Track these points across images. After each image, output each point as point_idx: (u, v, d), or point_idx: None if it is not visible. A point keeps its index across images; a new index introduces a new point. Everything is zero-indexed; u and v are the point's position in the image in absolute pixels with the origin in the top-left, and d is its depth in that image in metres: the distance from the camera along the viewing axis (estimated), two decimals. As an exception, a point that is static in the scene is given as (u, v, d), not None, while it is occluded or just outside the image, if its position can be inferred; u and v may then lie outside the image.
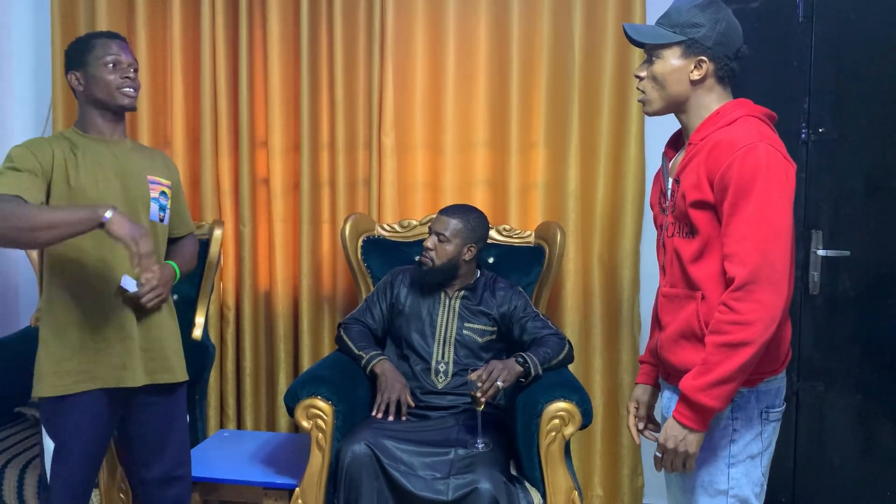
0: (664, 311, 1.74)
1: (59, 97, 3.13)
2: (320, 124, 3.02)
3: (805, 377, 2.68)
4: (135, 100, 2.08)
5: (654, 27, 1.70)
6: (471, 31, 2.94)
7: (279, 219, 3.05)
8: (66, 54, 2.09)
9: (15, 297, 3.23)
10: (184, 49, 3.06)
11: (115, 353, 2.01)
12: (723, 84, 1.69)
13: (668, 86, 1.67)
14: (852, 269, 2.62)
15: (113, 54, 2.03)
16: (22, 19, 3.25)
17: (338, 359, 2.57)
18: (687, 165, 1.66)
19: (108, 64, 2.02)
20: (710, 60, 1.64)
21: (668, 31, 1.66)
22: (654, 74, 1.68)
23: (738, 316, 1.52)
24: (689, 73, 1.66)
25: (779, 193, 1.53)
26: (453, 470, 2.18)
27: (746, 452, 1.66)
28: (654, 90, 1.70)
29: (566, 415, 2.21)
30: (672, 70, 1.66)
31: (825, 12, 2.62)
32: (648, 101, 1.71)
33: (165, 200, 2.12)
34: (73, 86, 2.06)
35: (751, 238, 1.52)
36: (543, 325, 2.50)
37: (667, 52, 1.67)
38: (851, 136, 2.63)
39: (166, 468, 2.17)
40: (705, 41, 1.64)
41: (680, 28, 1.65)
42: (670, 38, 1.65)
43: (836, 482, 2.68)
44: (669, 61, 1.66)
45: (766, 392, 1.66)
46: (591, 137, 2.89)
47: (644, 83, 1.71)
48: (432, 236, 2.55)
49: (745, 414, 1.65)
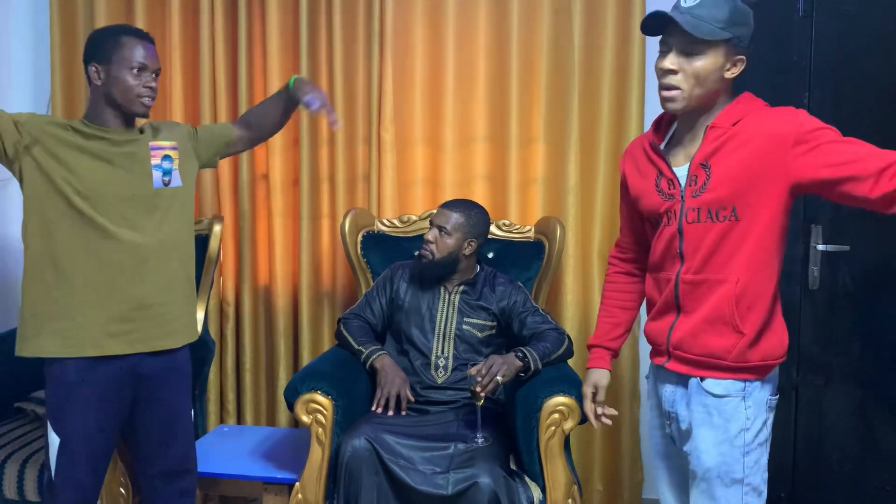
0: (687, 297, 1.70)
1: (58, 93, 3.12)
2: (320, 119, 3.02)
3: (805, 372, 2.68)
4: (150, 108, 2.07)
5: (707, 22, 1.60)
6: (470, 26, 2.94)
7: (279, 214, 3.05)
8: (89, 42, 2.06)
9: (14, 293, 3.22)
10: (183, 44, 3.06)
11: (101, 320, 2.01)
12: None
13: (708, 83, 1.63)
14: (852, 263, 2.62)
15: (140, 60, 2.02)
16: (21, 15, 3.23)
17: (337, 354, 2.57)
18: (720, 149, 1.63)
19: (134, 69, 2.01)
20: (745, 60, 1.64)
21: (716, 27, 1.59)
22: (695, 71, 1.62)
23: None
24: (725, 71, 1.63)
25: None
26: (453, 464, 2.18)
27: (757, 440, 1.68)
28: (693, 85, 1.63)
29: (566, 409, 2.21)
30: (714, 68, 1.62)
31: (825, 7, 2.62)
32: (684, 97, 1.64)
33: (170, 163, 2.11)
34: (91, 78, 2.04)
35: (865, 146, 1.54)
36: (543, 320, 2.50)
37: (712, 49, 1.61)
38: (851, 131, 2.61)
39: (174, 461, 2.17)
40: (745, 40, 1.63)
41: (726, 25, 1.59)
42: (721, 35, 1.59)
43: (835, 476, 2.69)
44: (714, 58, 1.61)
45: (771, 380, 1.70)
46: (591, 132, 2.89)
47: (679, 79, 1.63)
48: (433, 229, 2.55)
49: (756, 402, 1.67)
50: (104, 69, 2.02)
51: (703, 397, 1.69)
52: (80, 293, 2.00)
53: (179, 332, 2.15)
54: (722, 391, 1.67)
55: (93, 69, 2.03)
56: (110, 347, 2.02)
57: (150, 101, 2.05)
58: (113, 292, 2.02)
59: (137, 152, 2.08)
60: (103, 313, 2.01)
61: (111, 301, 2.02)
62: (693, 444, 1.72)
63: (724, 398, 1.67)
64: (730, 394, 1.67)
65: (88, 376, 2.01)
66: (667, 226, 1.73)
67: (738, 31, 1.61)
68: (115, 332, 2.03)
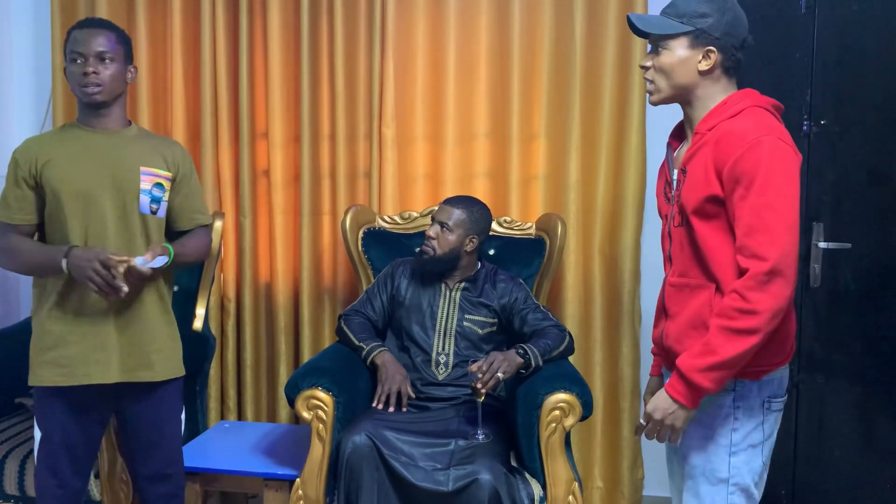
0: (672, 300, 1.73)
1: (59, 92, 3.12)
2: (321, 116, 3.02)
3: (805, 369, 2.68)
4: (98, 94, 2.01)
5: (661, 17, 1.67)
6: (472, 22, 2.93)
7: (280, 210, 3.05)
8: None
9: (16, 288, 3.23)
10: (184, 40, 3.05)
11: (89, 350, 2.02)
12: (728, 75, 1.68)
13: (676, 77, 1.66)
14: (853, 261, 2.62)
15: (76, 49, 1.99)
16: (22, 14, 3.23)
17: (338, 350, 2.57)
18: (694, 156, 1.65)
19: (76, 60, 1.99)
20: (719, 51, 1.63)
21: (675, 21, 1.64)
22: (661, 66, 1.67)
23: (748, 304, 1.52)
24: (696, 64, 1.64)
25: (789, 186, 1.53)
26: (454, 461, 2.18)
27: (748, 441, 1.66)
28: (662, 80, 1.68)
29: (566, 406, 2.21)
30: (680, 61, 1.65)
31: (827, 4, 2.61)
32: (656, 90, 1.70)
33: (160, 192, 2.09)
34: (66, 77, 2.07)
35: (764, 231, 1.52)
36: (544, 317, 2.50)
37: (674, 42, 1.65)
38: (853, 129, 2.62)
39: (158, 466, 2.18)
40: (713, 31, 1.62)
41: (687, 18, 1.63)
42: (678, 29, 1.64)
43: (836, 474, 2.68)
44: (677, 52, 1.65)
45: (769, 382, 1.67)
46: (593, 129, 2.89)
47: (651, 73, 1.69)
48: (435, 225, 2.55)
49: (748, 403, 1.65)
50: (65, 64, 2.05)
51: None
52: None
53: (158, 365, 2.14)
54: None
55: (64, 70, 2.08)
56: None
57: (94, 91, 1.99)
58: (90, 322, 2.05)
59: (124, 175, 2.06)
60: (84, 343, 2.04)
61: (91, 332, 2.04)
62: (682, 442, 1.73)
63: (711, 396, 1.64)
64: (718, 391, 1.63)
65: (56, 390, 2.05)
66: (665, 228, 1.77)
67: (702, 22, 1.62)
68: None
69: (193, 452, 2.55)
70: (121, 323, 2.05)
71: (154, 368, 2.09)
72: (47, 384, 2.03)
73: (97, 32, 2.02)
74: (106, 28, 2.06)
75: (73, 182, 2.00)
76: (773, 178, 1.52)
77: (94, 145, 2.05)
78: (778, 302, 1.52)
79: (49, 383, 2.02)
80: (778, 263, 1.50)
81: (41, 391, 2.06)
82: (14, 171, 2.03)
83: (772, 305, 1.51)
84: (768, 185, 1.52)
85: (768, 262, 1.50)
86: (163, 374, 2.12)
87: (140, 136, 2.16)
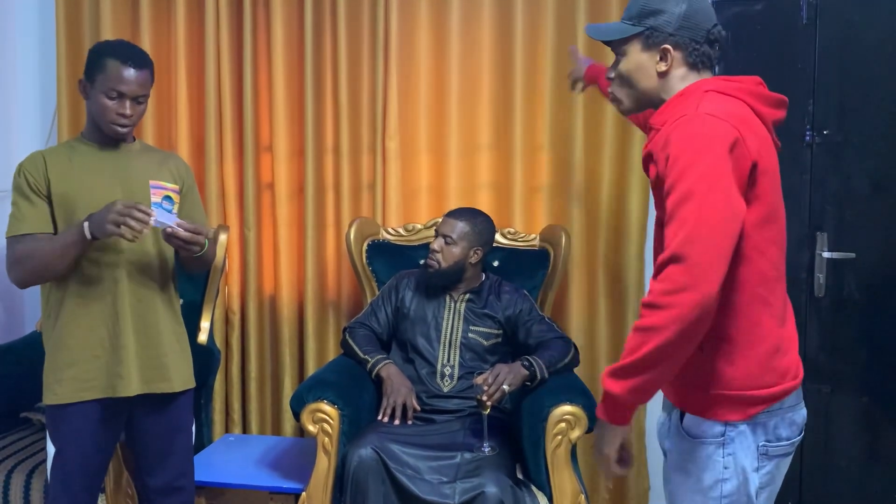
0: None
1: (65, 102, 3.13)
2: (325, 128, 3.03)
3: (811, 380, 2.67)
4: (127, 132, 2.03)
5: (614, 23, 1.58)
6: (474, 35, 2.94)
7: (284, 223, 3.05)
8: (88, 54, 2.03)
9: (21, 302, 3.23)
10: (188, 54, 3.06)
11: (111, 363, 2.01)
12: (697, 71, 1.52)
13: (636, 82, 1.54)
14: (858, 271, 2.62)
15: (117, 88, 1.96)
16: (27, 24, 3.24)
17: (343, 363, 2.57)
18: (652, 152, 1.51)
19: (112, 95, 1.97)
20: (675, 48, 1.50)
21: (626, 24, 1.53)
22: (620, 73, 1.55)
23: (651, 297, 1.36)
24: (655, 66, 1.52)
25: (712, 166, 1.35)
26: (460, 474, 2.18)
27: (741, 492, 1.49)
28: (621, 89, 1.57)
29: (572, 418, 2.21)
30: (637, 66, 1.53)
31: (828, 14, 2.63)
32: (618, 100, 1.59)
33: (170, 205, 2.10)
34: (80, 92, 2.04)
35: (676, 218, 1.35)
36: (549, 329, 2.50)
37: (628, 47, 1.53)
38: (856, 138, 2.63)
39: (168, 478, 2.17)
40: (665, 27, 1.49)
41: (637, 18, 1.51)
42: (628, 31, 1.52)
43: (842, 484, 2.68)
44: (633, 57, 1.53)
45: (765, 424, 1.48)
46: (596, 140, 2.89)
47: (614, 85, 1.58)
48: (439, 238, 2.55)
49: (740, 449, 1.48)
50: (89, 86, 2.00)
51: (680, 438, 1.54)
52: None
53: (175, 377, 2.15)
54: (698, 433, 1.50)
55: (81, 84, 2.03)
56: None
57: (124, 129, 2.01)
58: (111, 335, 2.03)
59: (135, 189, 2.05)
60: (106, 358, 2.02)
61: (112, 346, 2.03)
62: (668, 489, 1.60)
63: (698, 443, 1.50)
64: (705, 438, 1.49)
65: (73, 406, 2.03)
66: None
67: (651, 20, 1.50)
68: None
69: (198, 466, 2.53)
70: (138, 335, 2.04)
71: (171, 380, 2.10)
72: (67, 402, 2.00)
73: (140, 73, 1.98)
74: (146, 66, 2.02)
75: (86, 197, 1.99)
76: (692, 160, 1.35)
77: (103, 160, 2.05)
78: (684, 296, 1.31)
79: (69, 401, 2.00)
80: (682, 249, 1.32)
81: (57, 407, 2.03)
82: (25, 184, 1.99)
83: (675, 300, 1.32)
84: (687, 169, 1.35)
85: (671, 250, 1.34)
86: (179, 384, 2.12)
87: (144, 150, 2.17)
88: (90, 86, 2.00)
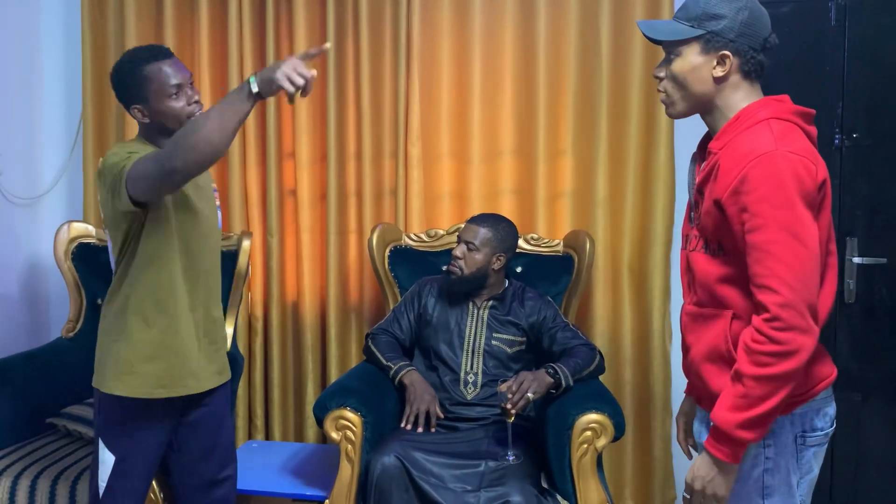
0: (688, 330, 1.62)
1: (90, 112, 3.16)
2: (347, 135, 3.03)
3: (842, 387, 2.60)
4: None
5: (670, 22, 1.56)
6: (497, 40, 2.93)
7: (306, 229, 3.06)
8: (118, 86, 1.98)
9: (46, 309, 3.26)
10: (211, 60, 3.08)
11: (185, 359, 1.98)
12: (750, 80, 1.54)
13: (690, 85, 1.53)
14: (889, 276, 2.58)
15: (173, 82, 1.92)
16: (52, 34, 3.27)
17: (366, 369, 2.56)
18: (708, 177, 1.53)
19: (172, 93, 1.92)
20: (734, 55, 1.50)
21: (685, 25, 1.52)
22: (673, 74, 1.54)
23: (780, 346, 1.39)
24: (711, 71, 1.51)
25: (801, 206, 1.40)
26: (484, 482, 2.16)
27: (782, 481, 1.53)
28: (676, 91, 1.56)
29: (598, 427, 2.18)
30: (692, 68, 1.52)
31: (857, 16, 2.59)
32: (671, 102, 1.58)
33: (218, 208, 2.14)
34: (137, 118, 1.97)
35: (779, 261, 1.40)
36: (573, 336, 2.48)
37: (685, 48, 1.52)
38: (886, 142, 2.59)
39: (214, 470, 2.15)
40: (727, 34, 1.49)
41: (697, 21, 1.50)
42: (688, 34, 1.51)
43: (874, 493, 2.63)
44: (689, 59, 1.52)
45: (802, 415, 1.53)
46: (620, 144, 2.87)
47: (665, 84, 1.57)
48: (461, 245, 2.54)
49: (780, 440, 1.52)
50: (146, 107, 1.94)
51: None
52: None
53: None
54: None
55: (135, 111, 1.95)
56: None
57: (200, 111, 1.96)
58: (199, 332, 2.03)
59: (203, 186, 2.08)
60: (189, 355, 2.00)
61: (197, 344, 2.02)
62: None
63: None
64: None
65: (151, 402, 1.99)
66: (683, 251, 1.66)
67: (713, 24, 1.49)
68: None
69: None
70: (200, 326, 2.02)
71: (224, 371, 2.11)
72: (142, 396, 1.94)
73: (175, 60, 1.96)
74: (172, 53, 1.99)
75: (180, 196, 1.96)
76: (783, 201, 1.39)
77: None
78: (809, 336, 1.40)
79: (143, 395, 1.94)
80: (796, 295, 1.38)
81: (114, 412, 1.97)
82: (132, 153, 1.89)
83: (804, 342, 1.39)
84: (778, 209, 1.39)
85: (784, 296, 1.38)
86: (227, 374, 2.13)
87: None
88: (144, 104, 1.94)
